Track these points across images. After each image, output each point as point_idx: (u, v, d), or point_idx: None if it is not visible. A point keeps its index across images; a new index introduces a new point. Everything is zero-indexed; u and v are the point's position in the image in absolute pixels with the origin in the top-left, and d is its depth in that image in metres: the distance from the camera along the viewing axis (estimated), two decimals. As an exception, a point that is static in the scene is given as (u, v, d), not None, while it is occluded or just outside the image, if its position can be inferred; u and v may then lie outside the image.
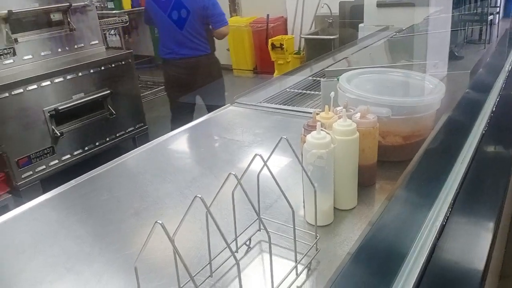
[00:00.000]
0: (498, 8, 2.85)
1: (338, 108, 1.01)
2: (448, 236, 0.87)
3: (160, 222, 0.54)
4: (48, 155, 2.96)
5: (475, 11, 2.75)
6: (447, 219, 0.91)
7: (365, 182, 1.04)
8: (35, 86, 2.83)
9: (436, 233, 0.85)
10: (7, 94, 2.69)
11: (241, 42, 6.27)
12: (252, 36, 6.16)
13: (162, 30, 3.18)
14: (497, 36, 2.78)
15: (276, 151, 0.77)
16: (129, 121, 3.51)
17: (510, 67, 2.05)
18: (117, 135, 3.43)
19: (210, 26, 3.15)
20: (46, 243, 0.97)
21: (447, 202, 0.98)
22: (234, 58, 6.51)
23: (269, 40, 5.71)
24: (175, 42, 3.09)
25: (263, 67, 6.17)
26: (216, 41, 3.30)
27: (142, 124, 3.64)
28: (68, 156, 3.09)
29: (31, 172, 2.89)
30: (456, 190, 1.02)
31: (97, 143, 3.27)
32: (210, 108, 2.87)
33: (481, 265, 0.79)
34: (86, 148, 3.20)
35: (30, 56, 3.00)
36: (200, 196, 0.60)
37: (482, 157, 1.23)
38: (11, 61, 2.90)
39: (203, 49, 3.17)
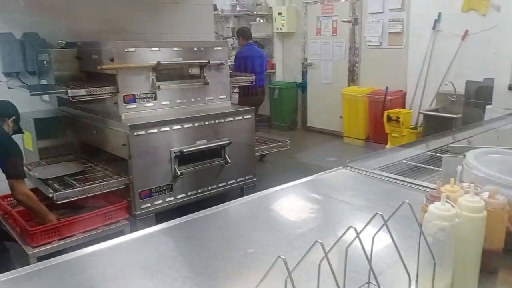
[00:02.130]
0: None
1: (465, 184, 0.98)
2: None
3: (283, 257, 0.58)
4: (166, 191, 3.24)
5: None
6: None
7: (487, 268, 0.96)
8: (167, 128, 3.18)
9: None
10: (143, 132, 3.07)
11: (355, 111, 6.32)
12: (367, 106, 6.18)
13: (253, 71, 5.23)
14: None
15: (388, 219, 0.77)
16: (241, 172, 3.71)
17: None
18: (228, 182, 3.64)
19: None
20: (165, 265, 1.06)
21: None
22: (346, 126, 6.56)
23: (385, 112, 5.67)
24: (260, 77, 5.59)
25: (376, 138, 6.10)
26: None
27: (252, 176, 3.81)
28: (183, 195, 3.35)
29: (149, 205, 3.18)
30: None
31: (209, 187, 3.50)
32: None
33: None
34: (200, 190, 3.44)
35: (168, 102, 3.41)
36: (320, 241, 0.63)
37: None
38: (152, 104, 3.32)
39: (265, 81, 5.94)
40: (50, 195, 2.82)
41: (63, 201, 2.86)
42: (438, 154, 2.03)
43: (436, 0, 5.46)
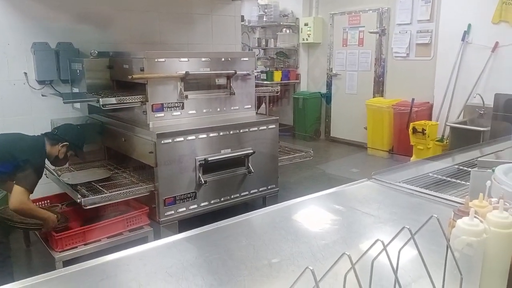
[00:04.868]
0: None
1: (494, 199, 0.97)
2: None
3: (311, 268, 0.59)
4: (190, 199, 3.29)
5: None
6: None
7: (516, 286, 0.94)
8: (193, 137, 3.24)
9: None
10: (170, 141, 3.12)
11: (380, 122, 6.26)
12: (392, 117, 6.12)
13: None
14: None
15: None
16: (263, 181, 3.72)
17: None
18: (250, 192, 3.65)
19: None
20: (190, 273, 1.08)
21: None
22: (370, 137, 6.50)
23: (411, 123, 5.59)
24: None
25: (400, 150, 6.02)
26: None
27: (274, 186, 3.82)
28: (206, 203, 3.38)
29: (172, 212, 3.23)
30: None
31: (232, 196, 3.53)
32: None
33: None
34: (222, 199, 3.47)
35: (194, 112, 3.47)
36: (348, 253, 0.64)
37: None
38: (179, 113, 3.39)
39: None
40: (78, 200, 2.90)
41: (90, 207, 2.92)
42: (466, 168, 1.99)
43: (466, 11, 5.38)
